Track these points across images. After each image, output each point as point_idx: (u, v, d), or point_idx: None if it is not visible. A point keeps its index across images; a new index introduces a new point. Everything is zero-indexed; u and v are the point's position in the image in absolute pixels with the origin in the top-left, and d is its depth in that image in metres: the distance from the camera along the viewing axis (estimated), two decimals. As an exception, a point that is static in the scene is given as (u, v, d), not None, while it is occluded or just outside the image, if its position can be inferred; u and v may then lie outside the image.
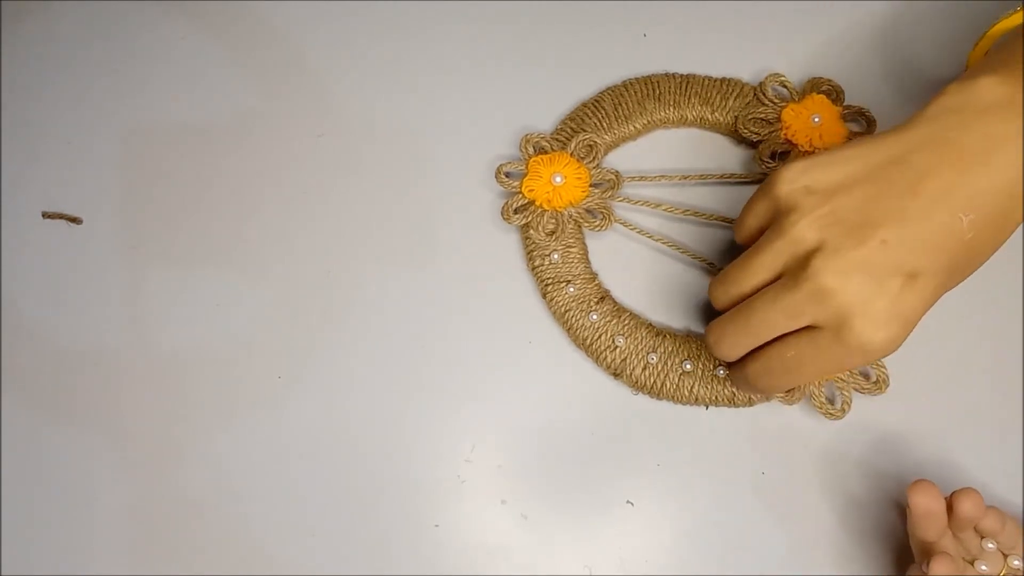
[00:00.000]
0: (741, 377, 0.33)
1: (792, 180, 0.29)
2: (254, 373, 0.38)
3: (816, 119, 0.38)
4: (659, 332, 0.38)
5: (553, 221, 0.38)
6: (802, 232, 0.28)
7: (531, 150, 0.39)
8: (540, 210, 0.38)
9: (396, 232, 0.40)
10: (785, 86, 0.40)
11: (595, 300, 0.38)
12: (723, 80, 0.41)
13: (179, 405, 0.38)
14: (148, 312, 0.39)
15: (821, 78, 0.40)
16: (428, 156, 0.41)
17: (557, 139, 0.40)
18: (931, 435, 0.37)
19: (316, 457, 0.37)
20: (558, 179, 0.38)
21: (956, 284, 0.29)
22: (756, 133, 0.39)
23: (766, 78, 0.40)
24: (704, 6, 0.43)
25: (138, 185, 0.41)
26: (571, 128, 0.40)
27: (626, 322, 0.37)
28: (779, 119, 0.39)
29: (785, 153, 0.39)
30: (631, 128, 0.40)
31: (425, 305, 0.39)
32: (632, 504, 0.37)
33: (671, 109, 0.40)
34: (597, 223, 0.38)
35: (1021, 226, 0.36)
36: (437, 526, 0.37)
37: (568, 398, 0.38)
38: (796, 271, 0.28)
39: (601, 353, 0.37)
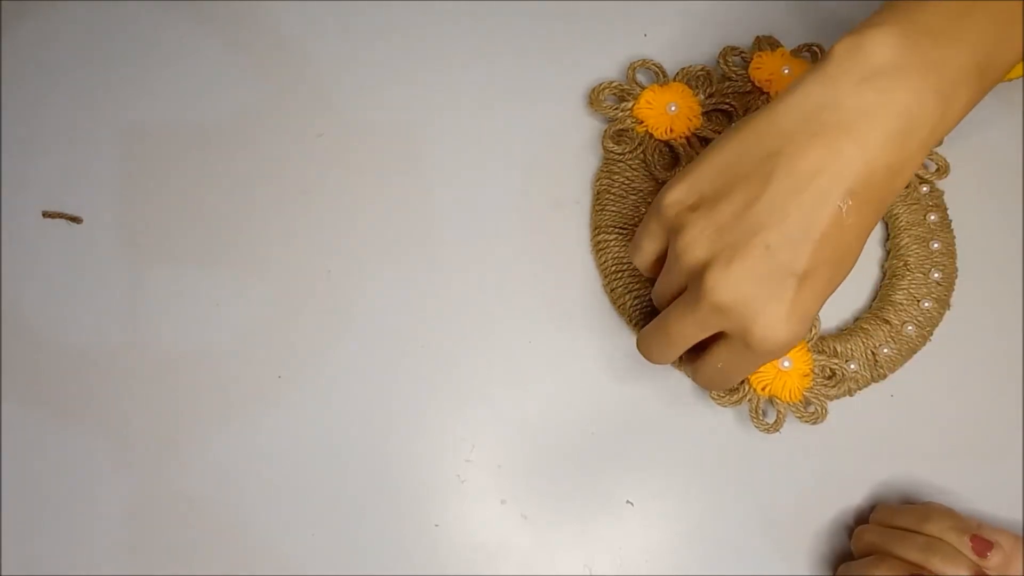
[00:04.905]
0: (692, 377, 0.34)
1: (676, 202, 0.30)
2: (254, 372, 0.38)
3: (673, 107, 0.38)
4: None
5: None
6: (691, 251, 0.29)
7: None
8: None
9: (395, 232, 0.40)
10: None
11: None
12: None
13: (179, 404, 0.38)
14: (148, 311, 0.39)
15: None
16: (428, 156, 0.41)
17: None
18: (932, 441, 0.38)
19: (316, 456, 0.37)
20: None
21: (846, 272, 0.29)
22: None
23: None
24: (704, 6, 0.43)
25: (138, 185, 0.41)
26: None
27: None
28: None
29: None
30: None
31: (425, 305, 0.39)
32: (632, 504, 0.37)
33: None
34: None
35: (1020, 244, 0.37)
36: (437, 526, 0.37)
37: (568, 398, 0.38)
38: (695, 288, 0.29)
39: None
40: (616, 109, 0.39)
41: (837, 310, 0.39)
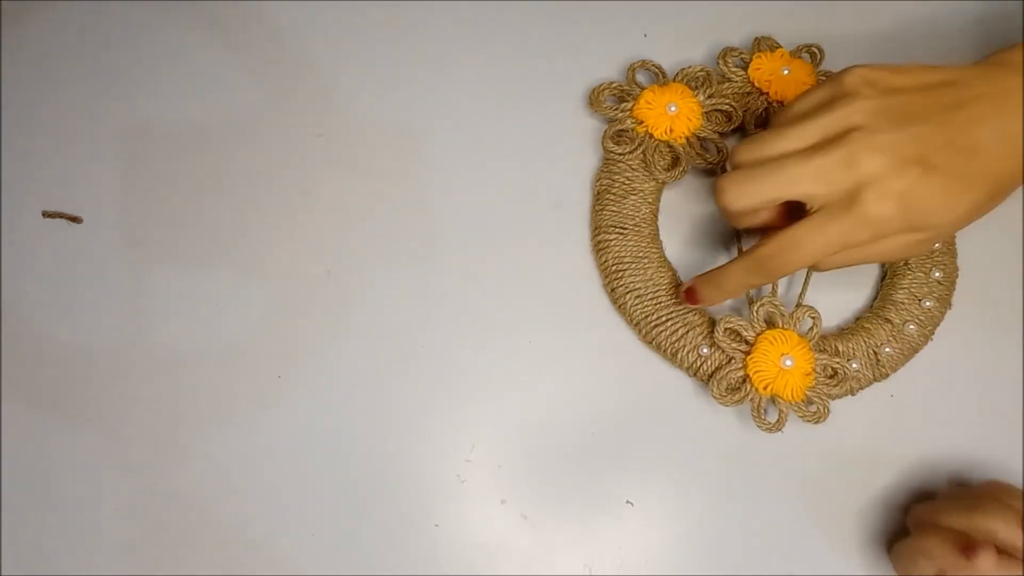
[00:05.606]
0: (752, 261, 0.33)
1: (861, 75, 0.32)
2: (254, 372, 0.38)
3: (673, 108, 0.39)
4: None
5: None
6: (852, 113, 0.31)
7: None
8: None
9: (395, 232, 0.40)
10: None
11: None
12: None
13: (179, 404, 0.38)
14: (148, 311, 0.39)
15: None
16: (428, 156, 0.41)
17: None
18: (932, 441, 0.37)
19: (316, 456, 0.37)
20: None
21: (972, 210, 0.31)
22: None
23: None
24: (704, 6, 0.43)
25: (138, 185, 0.41)
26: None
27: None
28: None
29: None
30: None
31: (425, 305, 0.39)
32: (632, 504, 0.37)
33: None
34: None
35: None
36: (437, 526, 0.37)
37: (568, 398, 0.38)
38: (833, 140, 0.31)
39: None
40: (616, 109, 0.39)
41: (839, 309, 0.39)
